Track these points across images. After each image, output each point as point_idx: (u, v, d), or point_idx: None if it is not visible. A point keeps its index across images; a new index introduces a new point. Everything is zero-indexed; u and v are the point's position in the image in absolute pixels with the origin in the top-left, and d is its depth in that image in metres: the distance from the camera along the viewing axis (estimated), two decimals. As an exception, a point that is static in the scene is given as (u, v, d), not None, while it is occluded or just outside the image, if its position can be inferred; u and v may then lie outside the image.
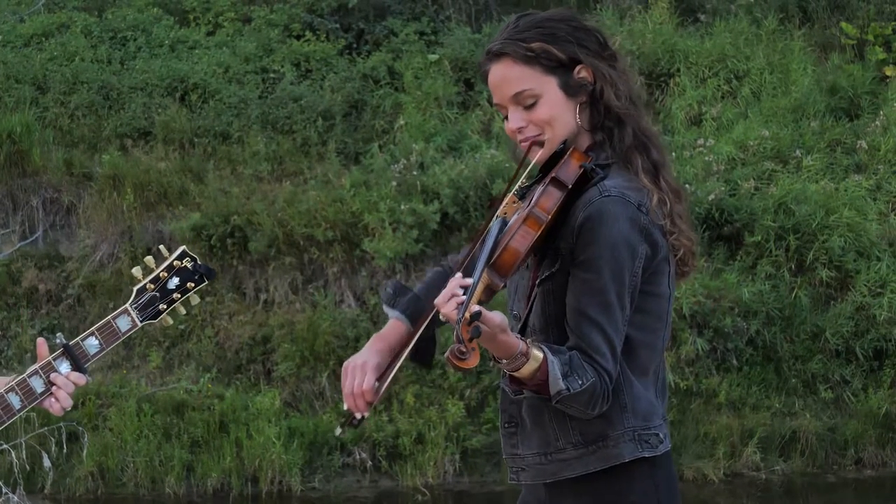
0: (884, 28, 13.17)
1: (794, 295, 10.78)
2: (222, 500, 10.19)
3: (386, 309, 3.10)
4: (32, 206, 12.13)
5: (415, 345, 2.93)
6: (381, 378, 2.95)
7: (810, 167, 11.62)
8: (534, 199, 2.81)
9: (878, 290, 10.81)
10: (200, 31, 13.88)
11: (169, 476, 10.23)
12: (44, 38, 13.56)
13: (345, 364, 2.99)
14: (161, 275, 3.09)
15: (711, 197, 11.00)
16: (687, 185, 11.05)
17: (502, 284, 2.72)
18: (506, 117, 2.95)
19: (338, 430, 3.14)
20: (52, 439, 9.57)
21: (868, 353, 10.70)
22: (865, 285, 10.81)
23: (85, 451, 9.97)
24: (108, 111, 12.69)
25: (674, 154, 11.59)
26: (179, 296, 3.09)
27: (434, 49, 13.33)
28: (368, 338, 3.05)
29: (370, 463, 10.38)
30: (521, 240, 2.74)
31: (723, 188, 11.17)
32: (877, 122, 12.09)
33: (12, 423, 3.07)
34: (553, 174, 2.83)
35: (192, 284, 3.10)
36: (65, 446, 9.69)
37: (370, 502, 10.20)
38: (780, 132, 11.92)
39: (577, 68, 2.89)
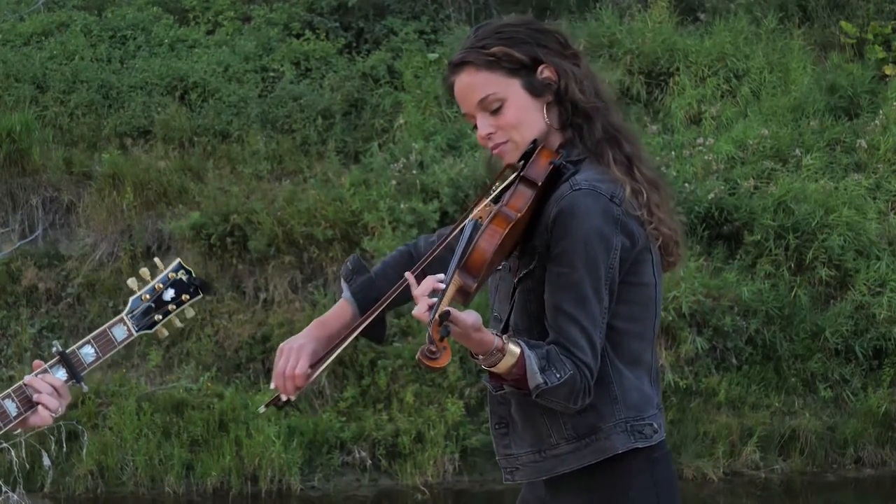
0: (883, 27, 13.17)
1: (793, 294, 10.78)
2: (222, 499, 10.18)
3: (342, 283, 3.13)
4: (32, 205, 12.13)
5: (364, 326, 2.99)
6: (314, 365, 2.99)
7: (810, 166, 11.62)
8: (505, 199, 2.83)
9: (878, 289, 10.81)
10: (200, 30, 13.89)
11: (168, 475, 10.23)
12: (43, 37, 13.56)
13: (281, 345, 3.02)
14: (157, 286, 3.10)
15: (711, 196, 11.00)
16: (686, 184, 11.06)
17: (475, 285, 2.70)
18: (475, 126, 2.97)
19: (261, 409, 3.17)
20: (52, 438, 9.56)
21: (867, 352, 10.71)
22: (865, 284, 10.81)
23: (84, 450, 9.96)
24: (108, 110, 12.69)
25: (673, 153, 11.60)
26: (175, 307, 3.10)
27: (434, 48, 13.33)
28: (367, 337, 3.07)
29: (370, 462, 10.38)
30: (490, 238, 2.74)
31: (722, 187, 11.17)
32: (876, 122, 12.09)
33: (11, 422, 3.05)
34: (522, 173, 2.85)
35: (188, 297, 3.11)
36: (64, 445, 9.68)
37: (370, 501, 10.20)
38: (780, 131, 11.92)
39: (540, 68, 2.91)
